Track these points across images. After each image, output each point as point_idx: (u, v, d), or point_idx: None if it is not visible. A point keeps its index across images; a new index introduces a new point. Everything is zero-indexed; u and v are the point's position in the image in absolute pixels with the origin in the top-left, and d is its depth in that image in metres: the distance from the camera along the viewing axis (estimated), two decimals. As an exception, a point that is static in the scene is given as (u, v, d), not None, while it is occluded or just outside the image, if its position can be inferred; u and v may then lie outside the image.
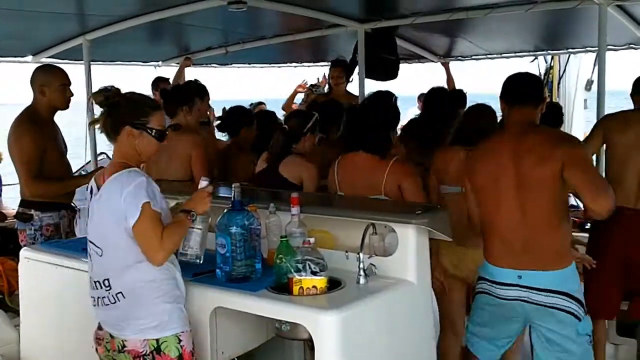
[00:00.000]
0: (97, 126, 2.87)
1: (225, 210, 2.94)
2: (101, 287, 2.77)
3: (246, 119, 5.03)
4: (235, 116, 5.06)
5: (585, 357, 3.21)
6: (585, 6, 5.09)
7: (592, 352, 3.26)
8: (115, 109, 2.78)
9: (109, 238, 2.73)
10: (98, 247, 2.77)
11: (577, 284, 3.23)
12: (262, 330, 3.16)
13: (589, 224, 6.27)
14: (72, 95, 4.41)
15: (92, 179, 2.89)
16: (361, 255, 2.92)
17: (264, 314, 2.82)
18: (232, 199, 2.93)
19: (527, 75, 3.46)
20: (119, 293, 2.74)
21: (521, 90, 3.31)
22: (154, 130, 2.78)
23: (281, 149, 4.21)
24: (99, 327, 2.89)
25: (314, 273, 2.75)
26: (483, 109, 4.10)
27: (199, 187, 2.94)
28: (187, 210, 2.81)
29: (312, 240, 2.86)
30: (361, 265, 2.91)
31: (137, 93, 2.87)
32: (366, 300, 2.78)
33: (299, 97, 7.22)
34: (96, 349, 2.93)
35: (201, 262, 2.92)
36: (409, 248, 3.00)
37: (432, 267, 3.24)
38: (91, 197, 2.82)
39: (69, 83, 4.38)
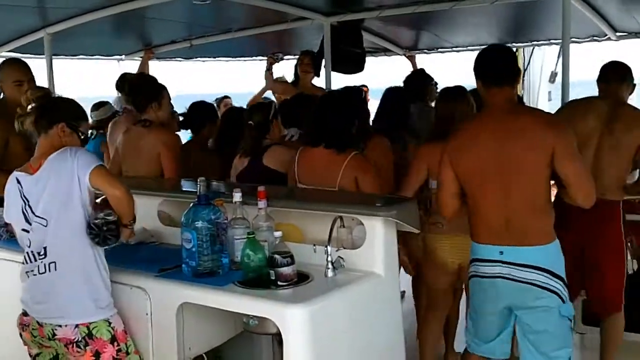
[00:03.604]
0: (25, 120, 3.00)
1: (191, 205, 2.90)
2: (35, 260, 2.85)
3: (210, 115, 4.96)
4: (199, 113, 4.97)
5: (565, 340, 3.20)
6: (549, -2, 5.14)
7: (572, 336, 3.25)
8: (55, 106, 3.04)
9: (58, 206, 2.82)
10: (43, 219, 2.84)
11: (562, 263, 3.18)
12: (230, 325, 3.13)
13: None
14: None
15: (15, 171, 2.97)
16: (329, 248, 2.90)
17: (231, 308, 2.79)
18: (198, 193, 2.89)
19: (501, 50, 3.35)
20: (52, 263, 2.82)
21: (500, 68, 3.21)
22: (83, 135, 3.04)
23: (255, 143, 4.18)
24: (24, 313, 2.94)
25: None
26: (452, 96, 4.02)
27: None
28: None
29: (279, 233, 2.84)
30: (329, 259, 2.89)
31: (75, 101, 3.14)
32: (334, 294, 2.77)
33: (268, 93, 7.06)
34: (20, 334, 2.99)
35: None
36: (376, 240, 2.99)
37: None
38: (20, 185, 2.89)
39: (26, 79, 4.13)
